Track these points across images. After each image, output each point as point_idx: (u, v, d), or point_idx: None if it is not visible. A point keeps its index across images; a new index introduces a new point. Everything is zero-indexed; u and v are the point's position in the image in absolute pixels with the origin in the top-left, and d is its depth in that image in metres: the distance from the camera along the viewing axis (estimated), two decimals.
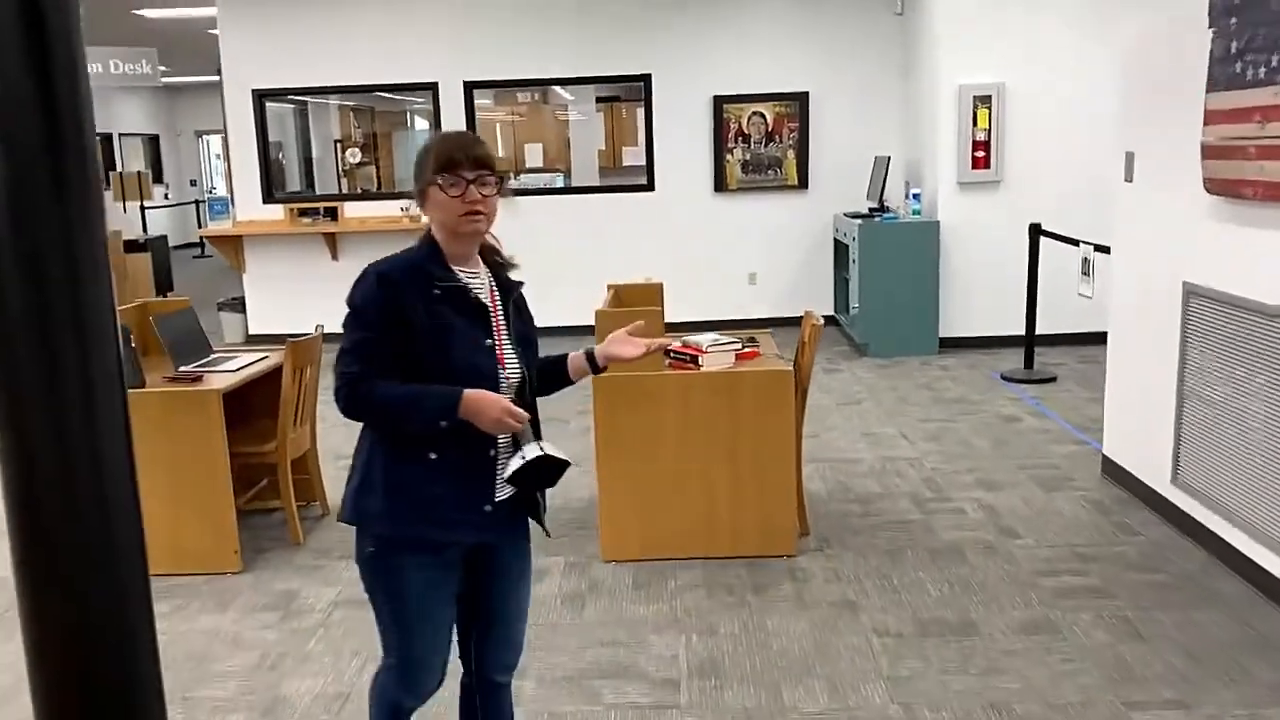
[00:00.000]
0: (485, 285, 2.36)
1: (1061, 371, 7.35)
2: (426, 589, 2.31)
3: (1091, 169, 7.97)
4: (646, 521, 4.26)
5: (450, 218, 2.24)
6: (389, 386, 2.21)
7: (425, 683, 2.41)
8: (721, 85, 9.13)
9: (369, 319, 2.22)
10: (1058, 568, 4.10)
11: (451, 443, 2.22)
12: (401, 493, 2.25)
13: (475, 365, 2.25)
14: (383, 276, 2.22)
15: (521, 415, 2.20)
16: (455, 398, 2.17)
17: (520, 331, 2.39)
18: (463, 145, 2.25)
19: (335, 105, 12.22)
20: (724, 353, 4.24)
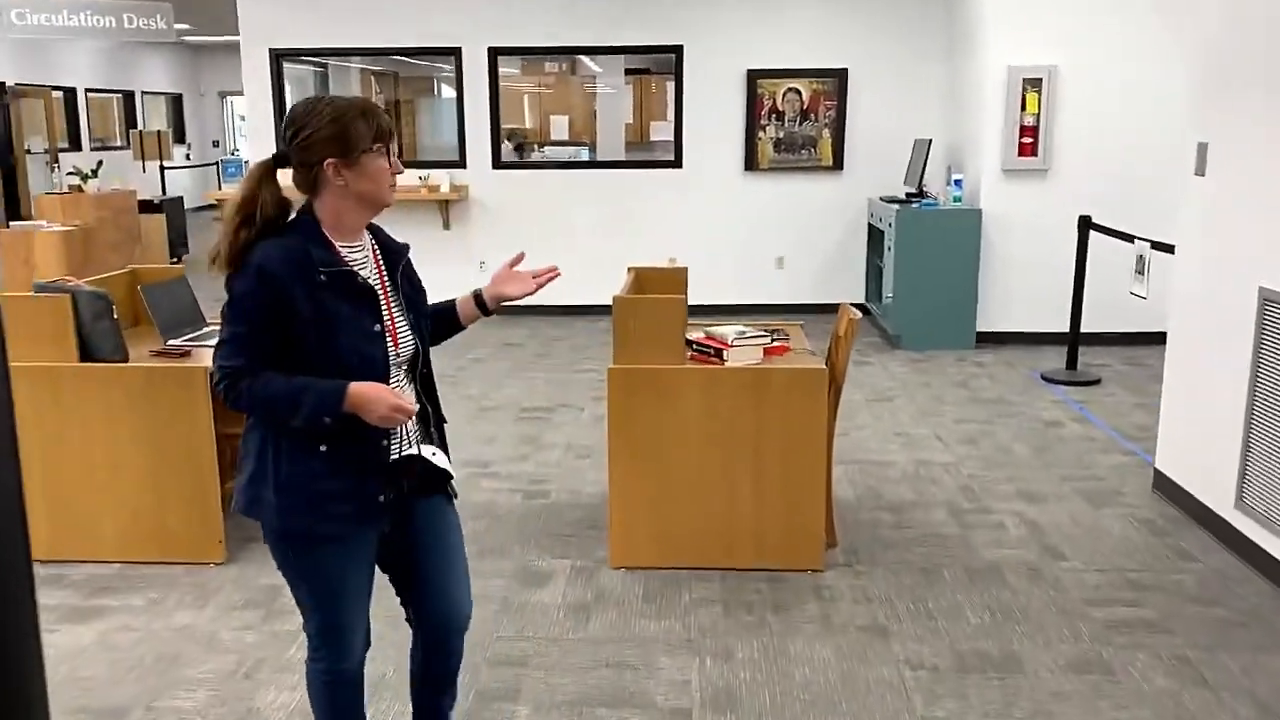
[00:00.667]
0: (369, 258, 2.30)
1: (1106, 374, 6.96)
2: (337, 569, 2.28)
3: (1147, 160, 7.55)
4: (661, 526, 3.93)
5: (381, 188, 2.22)
6: (271, 381, 2.14)
7: (351, 645, 2.37)
8: (756, 59, 8.73)
9: (247, 311, 2.14)
10: (1109, 596, 3.75)
11: (342, 435, 2.17)
12: (293, 489, 2.20)
13: (363, 353, 2.20)
14: (262, 268, 2.12)
15: (408, 409, 2.14)
16: (339, 393, 2.12)
17: (410, 298, 2.34)
18: (380, 114, 2.22)
19: (357, 69, 11.87)
20: (752, 347, 3.90)
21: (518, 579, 3.91)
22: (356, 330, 2.20)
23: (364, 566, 2.34)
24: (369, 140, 2.17)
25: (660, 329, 3.79)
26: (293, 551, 2.28)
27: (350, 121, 2.16)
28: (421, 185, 9.00)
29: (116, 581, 3.89)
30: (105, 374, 3.92)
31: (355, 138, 2.16)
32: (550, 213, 9.06)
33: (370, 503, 2.25)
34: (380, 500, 2.26)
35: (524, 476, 5.01)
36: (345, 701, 2.46)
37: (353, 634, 2.37)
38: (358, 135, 2.16)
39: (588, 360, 7.44)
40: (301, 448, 2.19)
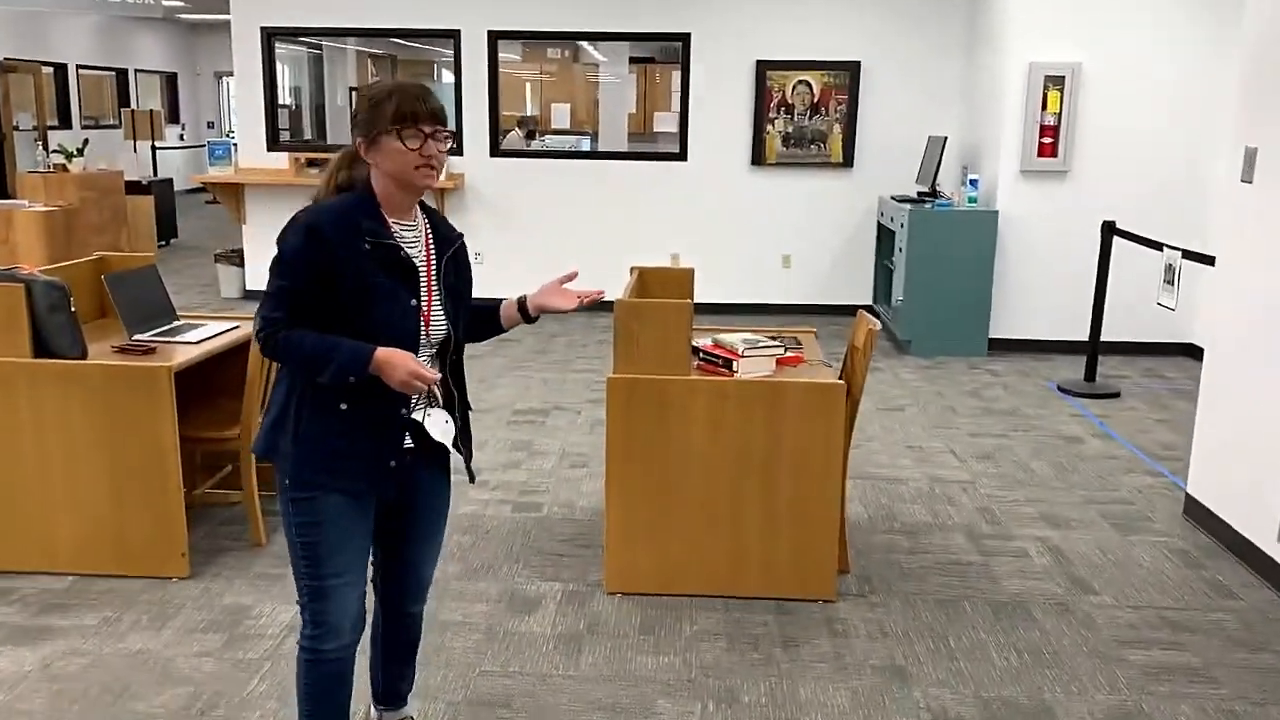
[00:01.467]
0: (421, 239, 2.34)
1: (1125, 386, 6.67)
2: (337, 529, 2.31)
3: (1171, 164, 7.27)
4: (661, 549, 3.63)
5: (404, 170, 2.22)
6: (305, 336, 2.20)
7: (337, 622, 2.35)
8: (766, 49, 8.41)
9: (294, 268, 2.20)
10: (1145, 637, 3.45)
11: (364, 396, 2.24)
12: (310, 440, 2.26)
13: (396, 325, 2.25)
14: (312, 226, 2.19)
15: (428, 377, 2.20)
16: (366, 354, 2.19)
17: (453, 287, 2.39)
18: (422, 97, 2.22)
19: (354, 51, 11.55)
20: (763, 357, 3.59)
21: (505, 604, 3.61)
22: (393, 302, 2.25)
23: (363, 532, 2.38)
24: (388, 121, 2.19)
25: (665, 336, 3.49)
26: (300, 502, 2.31)
27: (379, 102, 2.21)
28: None
29: (69, 597, 3.59)
30: (61, 371, 3.60)
31: (377, 118, 2.20)
32: (550, 204, 8.74)
33: (380, 466, 2.31)
34: (391, 465, 2.31)
35: (515, 486, 4.71)
36: (326, 688, 2.42)
37: (342, 605, 2.36)
38: (380, 116, 2.20)
39: (584, 359, 7.13)
40: (323, 404, 2.25)
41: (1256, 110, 4.06)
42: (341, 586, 2.35)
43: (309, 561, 2.34)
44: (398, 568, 2.54)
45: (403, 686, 2.74)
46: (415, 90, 2.23)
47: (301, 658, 2.41)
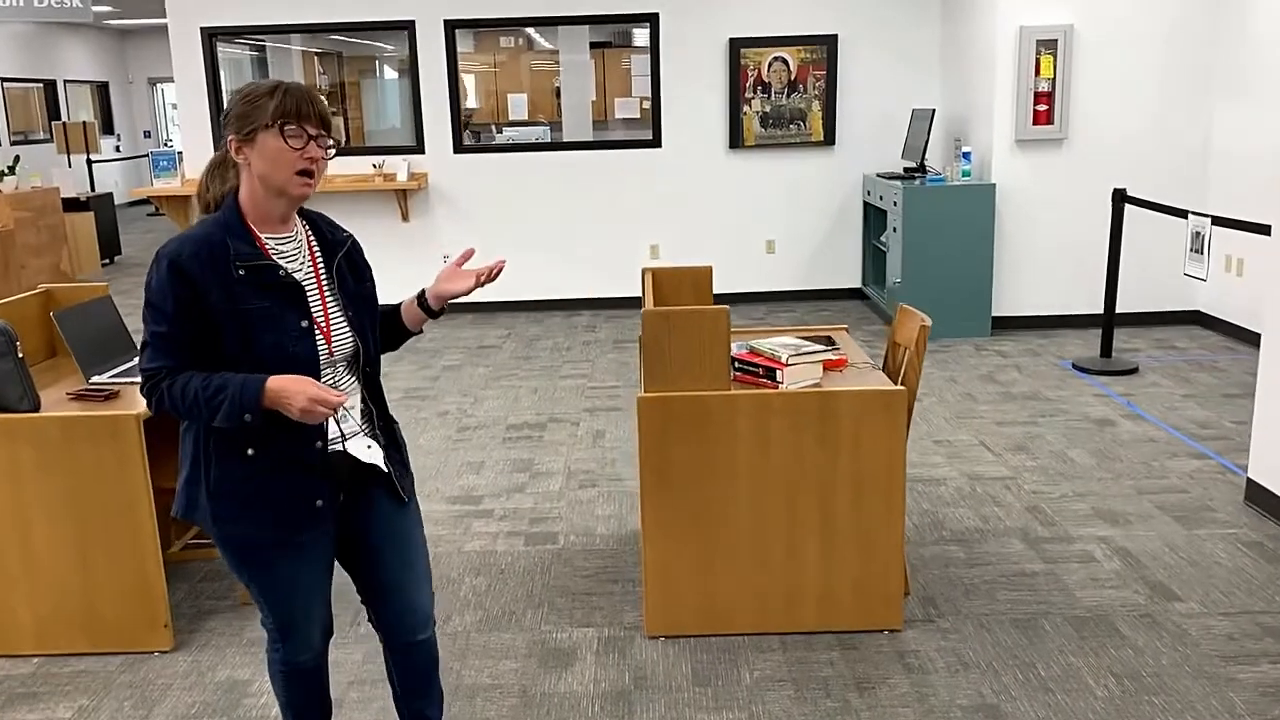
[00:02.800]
0: (302, 249, 2.15)
1: (1140, 360, 6.38)
2: (285, 573, 2.20)
3: (1174, 126, 6.99)
4: (707, 585, 3.25)
5: (282, 173, 2.02)
6: (190, 380, 2.00)
7: (306, 639, 2.32)
8: (739, 26, 8.03)
9: (164, 310, 2.00)
10: (1248, 649, 3.13)
11: (270, 435, 2.05)
12: (224, 494, 2.10)
13: (288, 353, 2.05)
14: (174, 262, 1.99)
15: (333, 401, 1.98)
16: (256, 387, 1.98)
17: (354, 294, 2.20)
18: (310, 98, 2.03)
19: (299, 51, 10.97)
20: (810, 364, 3.22)
21: (535, 658, 3.21)
22: (280, 327, 2.05)
23: (315, 568, 2.24)
24: (270, 116, 1.99)
25: (702, 347, 3.10)
26: (235, 556, 2.19)
27: (258, 97, 2.01)
28: (376, 174, 8.20)
29: (36, 684, 3.13)
30: (10, 427, 3.14)
31: (255, 113, 2.00)
32: (518, 200, 8.30)
33: (307, 506, 2.13)
34: (318, 504, 2.14)
35: (523, 515, 4.29)
36: (304, 690, 2.41)
37: (308, 630, 2.31)
38: (259, 110, 2.00)
39: (571, 364, 6.72)
40: (230, 451, 2.08)
41: None
42: (304, 614, 2.29)
43: (265, 603, 2.27)
44: (384, 599, 2.36)
45: (432, 713, 2.52)
46: (299, 88, 2.03)
47: (273, 668, 2.37)
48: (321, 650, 2.38)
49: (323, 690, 2.47)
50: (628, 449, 5.05)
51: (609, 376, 6.37)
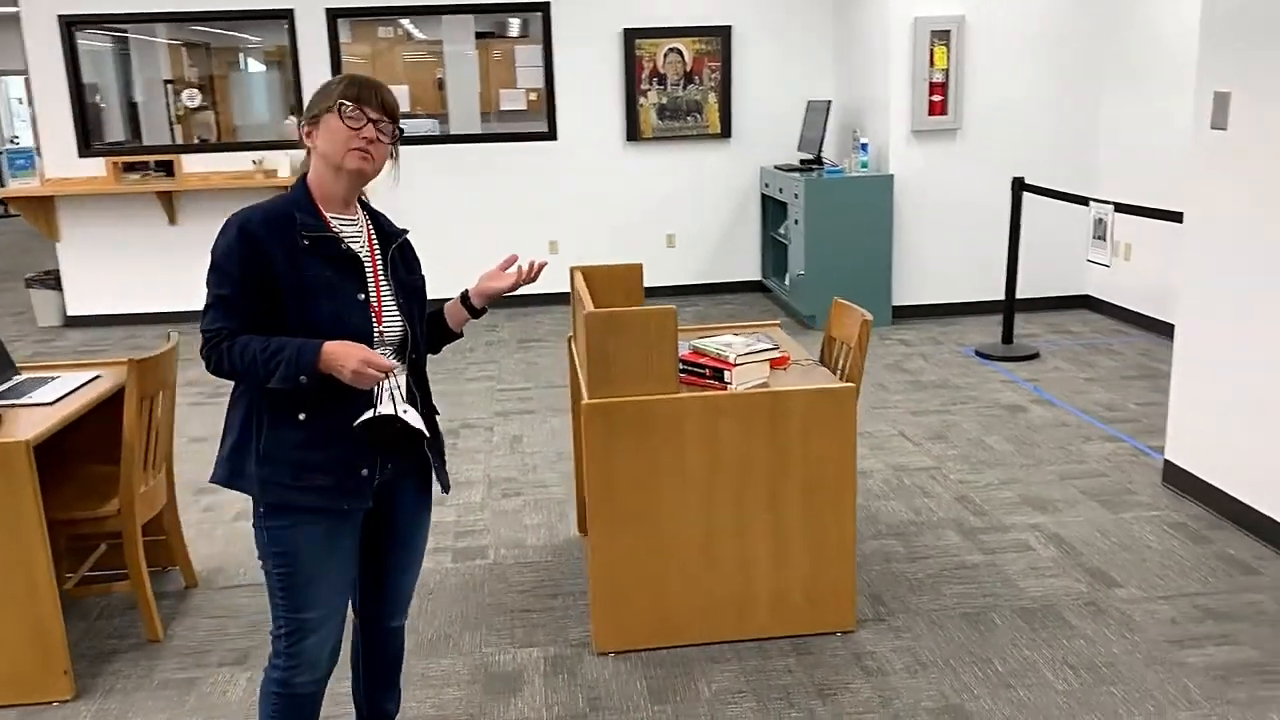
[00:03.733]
0: (363, 234, 2.25)
1: (1039, 345, 6.52)
2: (317, 552, 2.19)
3: (1060, 115, 7.16)
4: (657, 596, 3.12)
5: (339, 149, 2.12)
6: (251, 341, 2.08)
7: (315, 653, 2.23)
8: (633, 16, 7.90)
9: (230, 273, 2.09)
10: (1192, 633, 3.17)
11: (323, 401, 2.12)
12: (274, 459, 2.14)
13: (345, 322, 2.13)
14: (244, 228, 2.08)
15: (384, 365, 2.07)
16: (313, 350, 2.06)
17: (405, 283, 2.29)
18: (375, 87, 2.16)
19: (164, 42, 10.37)
20: (757, 363, 3.11)
21: (479, 684, 3.02)
22: (339, 297, 2.14)
23: (345, 555, 2.24)
24: (334, 99, 2.11)
25: (648, 349, 2.96)
26: (275, 527, 2.17)
27: (331, 85, 2.15)
28: (257, 170, 7.79)
29: None
30: None
31: (324, 97, 2.13)
32: (410, 194, 7.99)
33: (353, 476, 2.18)
34: (364, 474, 2.19)
35: (447, 528, 4.08)
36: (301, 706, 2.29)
37: (321, 639, 2.24)
38: (327, 95, 2.13)
39: (477, 365, 6.49)
40: (282, 417, 2.14)
41: (1222, 55, 3.81)
42: (322, 620, 2.23)
43: (286, 593, 2.20)
44: (378, 580, 2.41)
45: (390, 707, 2.58)
46: (371, 80, 2.16)
47: (268, 689, 2.27)
48: (324, 676, 2.29)
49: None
50: (548, 454, 4.88)
51: (517, 378, 6.18)
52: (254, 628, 3.36)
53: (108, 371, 3.47)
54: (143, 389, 3.15)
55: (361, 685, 2.55)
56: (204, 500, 4.43)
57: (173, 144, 8.76)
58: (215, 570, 3.79)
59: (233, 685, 3.03)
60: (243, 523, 4.19)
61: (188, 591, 3.64)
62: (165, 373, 3.32)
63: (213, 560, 3.87)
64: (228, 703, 2.95)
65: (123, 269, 7.87)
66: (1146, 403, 5.33)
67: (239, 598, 3.57)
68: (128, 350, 7.14)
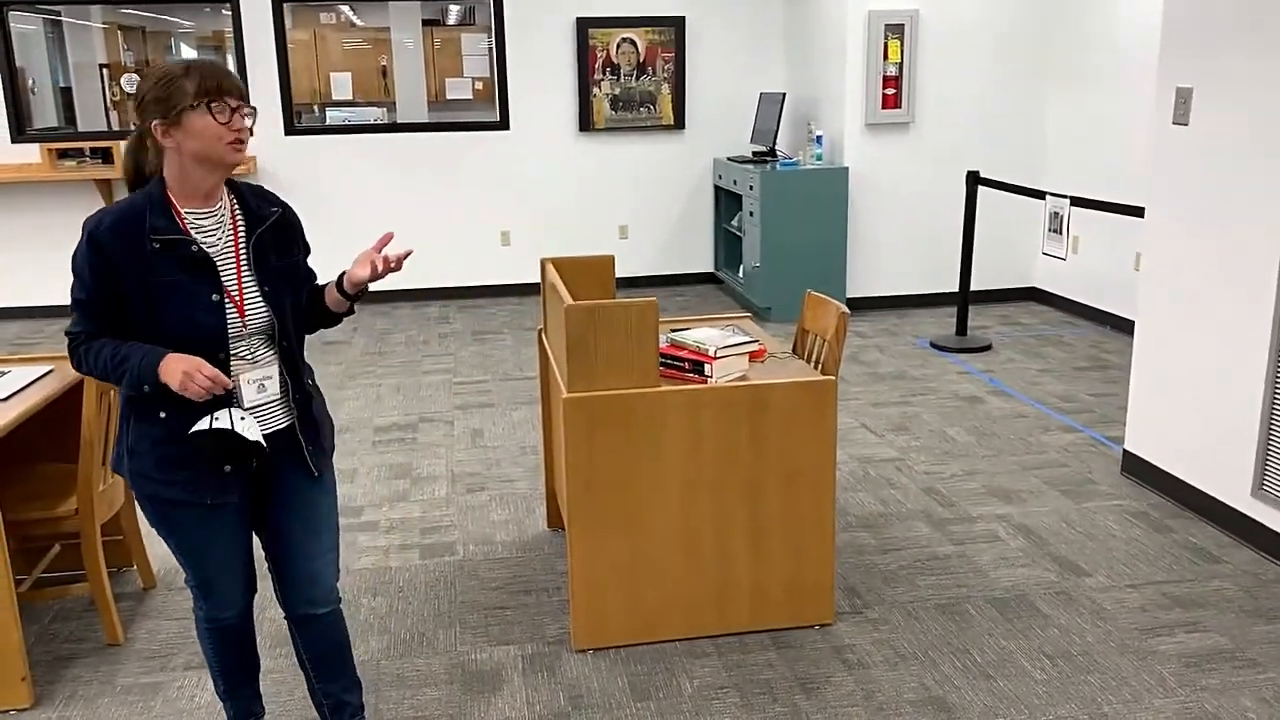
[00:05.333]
0: (224, 224, 2.20)
1: (991, 337, 6.60)
2: (198, 534, 2.28)
3: (1010, 110, 7.24)
4: (636, 592, 3.08)
5: (216, 146, 2.09)
6: (103, 347, 2.14)
7: (226, 597, 2.40)
8: (585, 6, 7.82)
9: (83, 278, 2.12)
10: (1162, 620, 3.22)
11: (180, 401, 2.12)
12: (139, 452, 2.21)
13: (196, 323, 2.13)
14: (92, 234, 2.10)
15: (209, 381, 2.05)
16: (154, 360, 2.09)
17: (275, 268, 2.24)
18: (224, 73, 2.12)
19: (99, 26, 10.05)
20: (737, 356, 3.09)
21: (457, 683, 2.96)
22: (191, 299, 2.13)
23: (228, 530, 2.31)
24: (193, 96, 2.06)
25: (629, 342, 2.92)
26: (151, 513, 2.27)
27: (174, 78, 2.07)
28: None
29: None
30: None
31: (177, 95, 2.06)
32: (357, 184, 7.85)
33: (214, 472, 2.21)
34: (226, 470, 2.21)
35: (412, 525, 4.01)
36: (229, 647, 2.49)
37: (227, 588, 2.39)
38: (180, 92, 2.06)
39: (432, 359, 6.39)
40: (147, 413, 2.18)
41: (1183, 51, 3.87)
42: (219, 577, 2.36)
43: (181, 559, 2.34)
44: (286, 566, 2.40)
45: (348, 698, 2.56)
46: (212, 65, 2.11)
47: (200, 628, 2.45)
48: (245, 607, 2.44)
49: (248, 647, 2.53)
50: (510, 448, 4.82)
51: (475, 371, 6.10)
52: None
53: (61, 366, 3.34)
54: (102, 384, 3.03)
55: (315, 683, 2.52)
56: None
57: (110, 130, 8.50)
58: (173, 570, 3.67)
59: (200, 689, 2.94)
60: None
61: (146, 593, 3.52)
62: None
63: (170, 560, 3.74)
64: (196, 707, 2.86)
65: (59, 259, 7.60)
66: (1099, 393, 5.42)
67: None
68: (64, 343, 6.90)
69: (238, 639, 2.49)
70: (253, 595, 2.45)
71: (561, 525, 3.81)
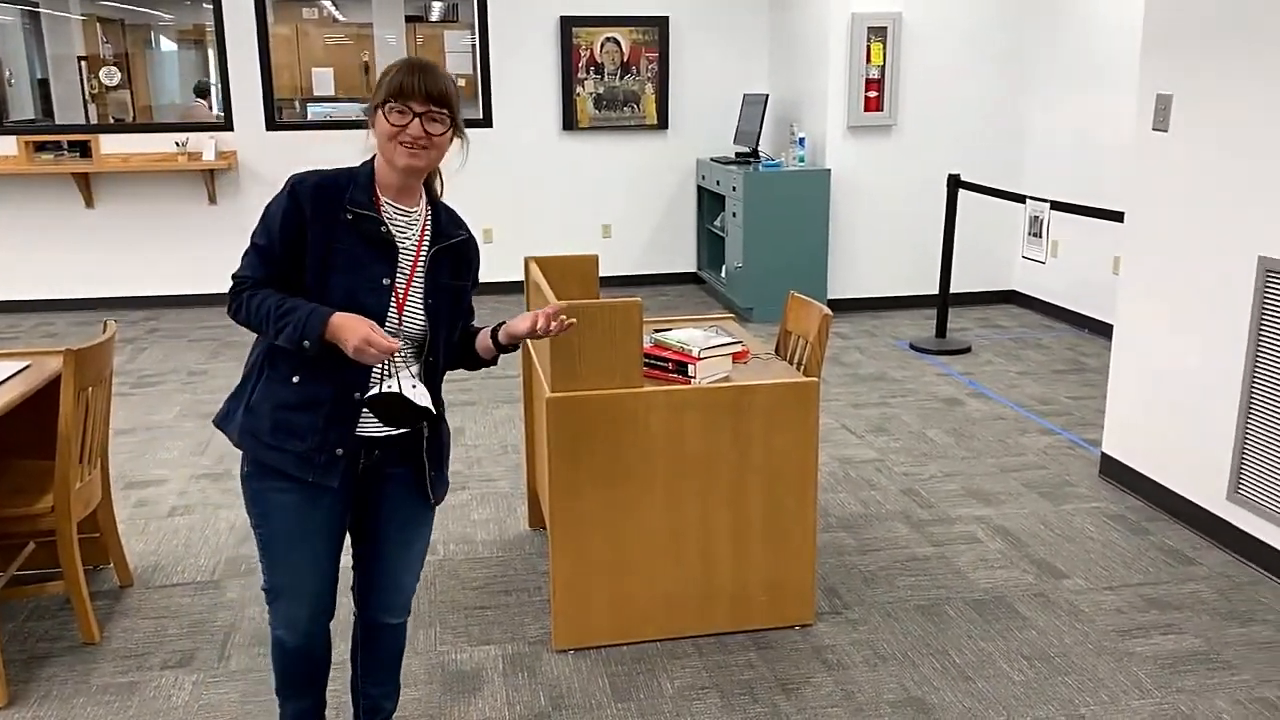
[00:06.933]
0: (415, 226, 2.22)
1: (970, 339, 6.64)
2: (292, 517, 2.21)
3: (992, 113, 7.28)
4: (618, 593, 3.08)
5: (387, 146, 2.11)
6: (269, 296, 2.11)
7: (295, 615, 2.29)
8: (570, 4, 7.82)
9: (269, 227, 2.12)
10: (1139, 622, 3.25)
11: (319, 371, 2.13)
12: (258, 411, 2.17)
13: (361, 302, 2.11)
14: (295, 188, 2.11)
15: (387, 346, 2.01)
16: (322, 316, 2.05)
17: (444, 285, 2.25)
18: (418, 73, 2.09)
19: (78, 18, 9.96)
20: (721, 357, 3.10)
21: (437, 683, 2.96)
22: (362, 276, 2.13)
23: (319, 523, 2.23)
24: (381, 96, 2.09)
25: (613, 342, 2.92)
26: (249, 485, 2.23)
27: (383, 77, 2.11)
28: (180, 152, 7.53)
29: None
30: None
31: (377, 94, 2.11)
32: None
33: (326, 450, 2.16)
34: (338, 453, 2.17)
35: None
36: (292, 671, 2.39)
37: (293, 602, 2.28)
38: (378, 91, 2.11)
39: None
40: (279, 374, 2.16)
41: (1165, 57, 3.91)
42: (293, 586, 2.26)
43: (263, 552, 2.26)
44: (373, 575, 2.38)
45: (387, 705, 2.55)
46: (415, 64, 2.10)
47: (272, 635, 2.35)
48: (307, 633, 2.32)
49: (312, 676, 2.42)
50: (492, 446, 4.81)
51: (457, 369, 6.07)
52: (196, 628, 3.24)
53: (42, 364, 3.31)
54: (80, 380, 3.01)
55: (358, 682, 2.53)
56: (135, 495, 4.27)
57: (89, 124, 8.42)
58: (151, 568, 3.64)
59: (178, 689, 2.92)
60: (177, 518, 4.04)
61: (123, 591, 3.49)
62: (103, 364, 3.18)
63: (147, 558, 3.73)
64: (173, 707, 2.83)
65: (35, 253, 7.55)
66: (1077, 396, 5.46)
67: (178, 597, 3.44)
68: (40, 338, 6.85)
69: (303, 665, 2.38)
70: (322, 624, 2.33)
71: (543, 525, 3.81)
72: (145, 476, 4.47)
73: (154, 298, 7.75)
